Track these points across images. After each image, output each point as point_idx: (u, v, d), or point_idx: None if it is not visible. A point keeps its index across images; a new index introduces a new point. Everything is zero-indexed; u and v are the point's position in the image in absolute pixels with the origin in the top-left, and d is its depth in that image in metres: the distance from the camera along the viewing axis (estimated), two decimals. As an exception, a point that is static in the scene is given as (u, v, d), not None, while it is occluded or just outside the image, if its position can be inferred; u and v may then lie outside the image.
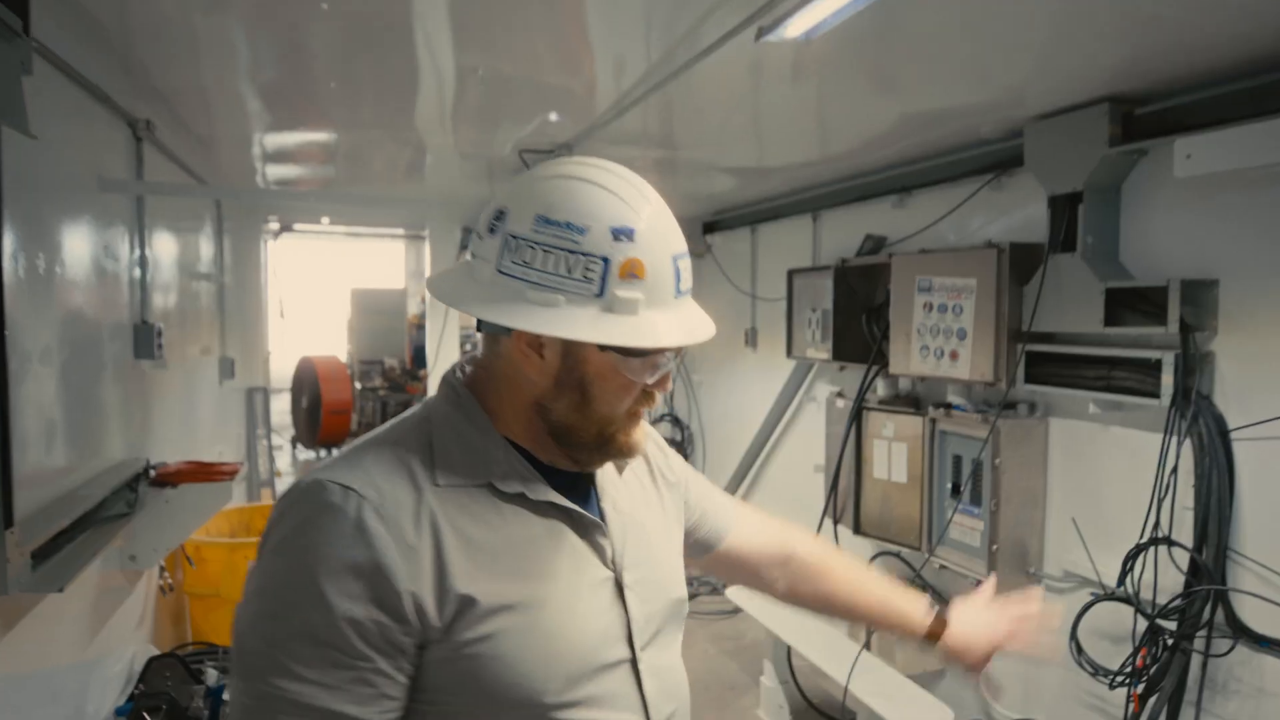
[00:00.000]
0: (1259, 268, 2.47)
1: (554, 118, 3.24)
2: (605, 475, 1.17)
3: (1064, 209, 2.92)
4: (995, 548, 3.22)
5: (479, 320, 1.04)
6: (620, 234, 0.98)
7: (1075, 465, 3.14)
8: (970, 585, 2.93)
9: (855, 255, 4.22)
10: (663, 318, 1.01)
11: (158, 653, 3.29)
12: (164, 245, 3.73)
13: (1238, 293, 2.52)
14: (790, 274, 4.68)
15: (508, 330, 1.02)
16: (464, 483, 1.03)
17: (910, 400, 3.88)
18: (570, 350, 1.03)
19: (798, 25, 2.03)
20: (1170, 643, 2.59)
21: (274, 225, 8.46)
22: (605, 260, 0.98)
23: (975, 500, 3.33)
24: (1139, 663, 2.64)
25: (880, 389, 3.96)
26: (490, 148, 3.80)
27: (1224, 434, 2.53)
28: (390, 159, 4.34)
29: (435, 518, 0.99)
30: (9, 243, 1.93)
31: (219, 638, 3.82)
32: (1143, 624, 2.64)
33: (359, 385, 10.85)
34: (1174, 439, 2.60)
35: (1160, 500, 2.64)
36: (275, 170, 4.83)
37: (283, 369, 10.20)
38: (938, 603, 1.57)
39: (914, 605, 1.55)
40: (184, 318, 4.18)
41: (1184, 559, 2.58)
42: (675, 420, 6.65)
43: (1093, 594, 2.81)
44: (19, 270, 2.00)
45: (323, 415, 9.90)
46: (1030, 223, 3.22)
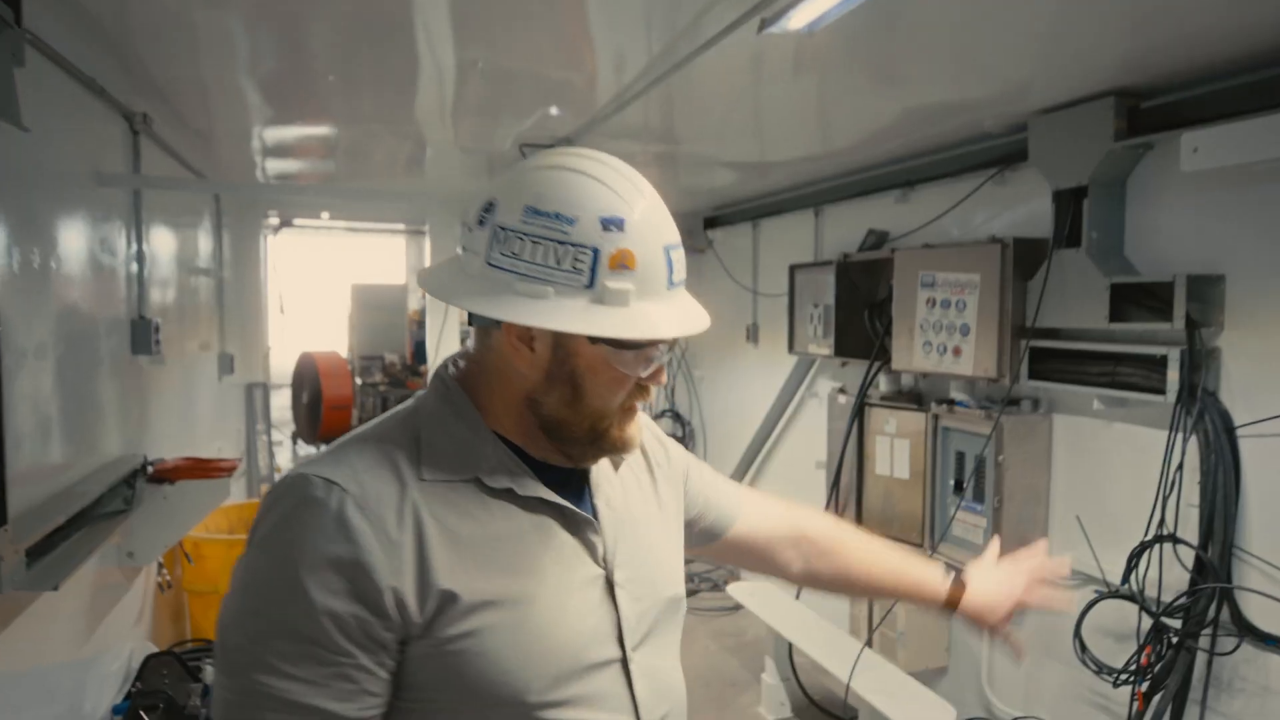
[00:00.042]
0: (1266, 263, 2.45)
1: (554, 112, 3.21)
2: (600, 471, 1.15)
3: (1068, 204, 2.90)
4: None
5: (470, 314, 1.02)
6: (610, 224, 0.96)
7: (1079, 462, 3.12)
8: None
9: (858, 250, 4.20)
10: (655, 309, 0.99)
11: (156, 650, 3.28)
12: (162, 240, 3.71)
13: (1244, 288, 2.51)
14: (792, 269, 4.66)
15: (498, 323, 1.01)
16: (450, 478, 1.02)
17: (913, 396, 3.86)
18: (561, 343, 1.01)
19: (801, 17, 2.01)
20: (1175, 641, 2.58)
21: (274, 220, 8.45)
22: (595, 251, 0.96)
23: (978, 497, 3.31)
24: (1143, 661, 2.63)
25: (882, 385, 3.95)
26: (490, 142, 3.78)
27: (1230, 431, 2.51)
28: (390, 153, 4.32)
29: (419, 512, 0.98)
30: (2, 237, 1.92)
31: (218, 635, 3.81)
32: (1147, 622, 2.63)
33: (359, 381, 10.83)
34: (1179, 436, 2.58)
35: (1165, 497, 2.62)
36: (275, 165, 4.81)
37: (283, 364, 10.19)
38: (951, 569, 1.57)
39: (931, 572, 1.56)
40: (182, 313, 4.17)
41: (1189, 556, 2.57)
42: (676, 416, 6.63)
43: (1097, 592, 2.79)
44: (13, 265, 1.98)
45: (323, 411, 9.89)
46: (1034, 218, 3.20)
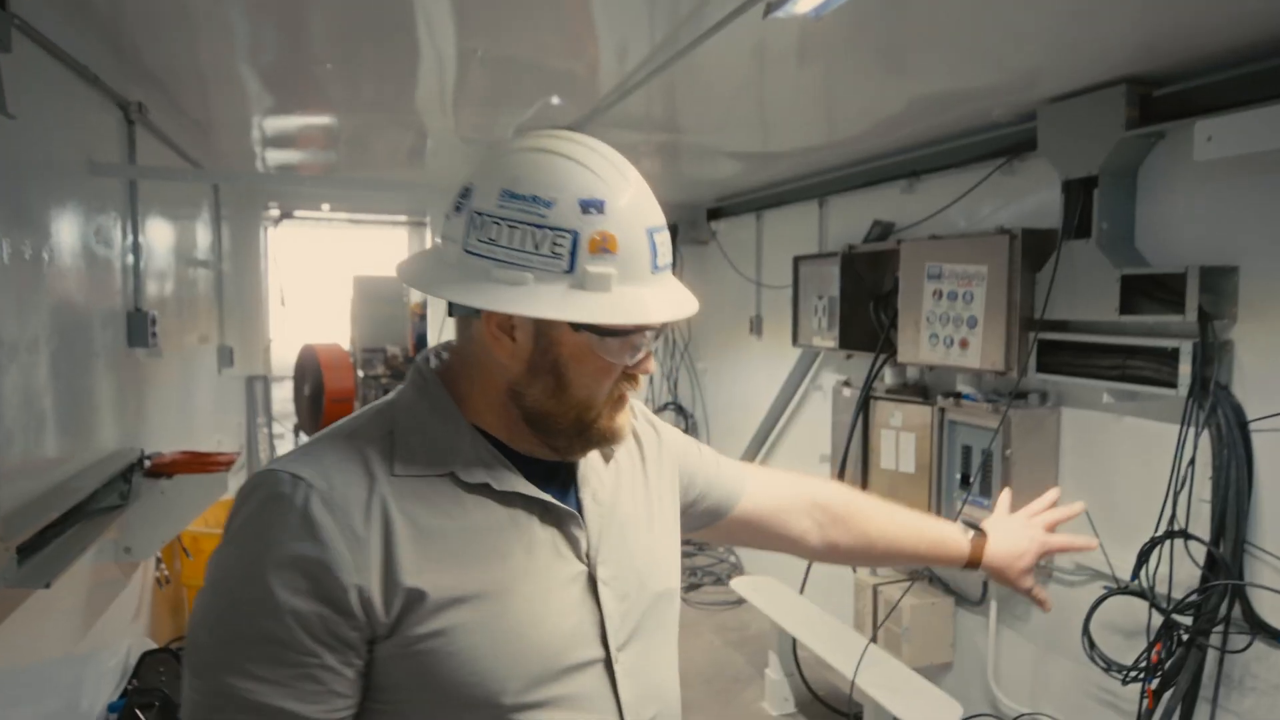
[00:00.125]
0: (1280, 254, 2.40)
1: (556, 101, 3.17)
2: (588, 464, 1.11)
3: (1078, 194, 2.85)
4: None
5: (450, 304, 0.98)
6: (589, 206, 0.93)
7: (1088, 456, 3.08)
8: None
9: (863, 241, 4.15)
10: (639, 294, 0.95)
11: (154, 646, 3.25)
12: (159, 232, 3.68)
13: (1258, 280, 2.46)
14: (796, 261, 4.61)
15: (478, 313, 0.97)
16: (423, 472, 0.98)
17: (918, 389, 3.82)
18: (543, 331, 0.97)
19: (806, 0, 1.96)
20: (1185, 638, 2.54)
21: (274, 212, 8.41)
22: (574, 234, 0.92)
23: (985, 491, 3.27)
24: (1153, 658, 2.59)
25: (888, 378, 3.90)
26: (492, 132, 3.73)
27: (1243, 425, 2.47)
28: (391, 144, 4.28)
29: (387, 508, 0.94)
30: (-9, 228, 1.88)
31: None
32: (1157, 619, 2.59)
33: (362, 373, 10.81)
34: (1191, 430, 2.54)
35: (1176, 492, 2.58)
36: (275, 155, 4.76)
37: (284, 357, 10.18)
38: (968, 526, 1.56)
39: (950, 529, 1.54)
40: (180, 305, 4.13)
41: (1200, 553, 2.53)
42: (679, 409, 6.60)
43: (1106, 588, 2.76)
44: (3, 256, 1.95)
45: (325, 403, 9.85)
46: (1043, 208, 3.15)
